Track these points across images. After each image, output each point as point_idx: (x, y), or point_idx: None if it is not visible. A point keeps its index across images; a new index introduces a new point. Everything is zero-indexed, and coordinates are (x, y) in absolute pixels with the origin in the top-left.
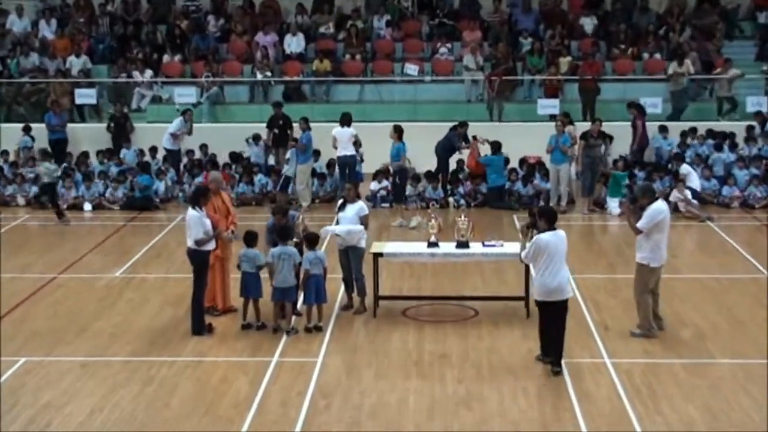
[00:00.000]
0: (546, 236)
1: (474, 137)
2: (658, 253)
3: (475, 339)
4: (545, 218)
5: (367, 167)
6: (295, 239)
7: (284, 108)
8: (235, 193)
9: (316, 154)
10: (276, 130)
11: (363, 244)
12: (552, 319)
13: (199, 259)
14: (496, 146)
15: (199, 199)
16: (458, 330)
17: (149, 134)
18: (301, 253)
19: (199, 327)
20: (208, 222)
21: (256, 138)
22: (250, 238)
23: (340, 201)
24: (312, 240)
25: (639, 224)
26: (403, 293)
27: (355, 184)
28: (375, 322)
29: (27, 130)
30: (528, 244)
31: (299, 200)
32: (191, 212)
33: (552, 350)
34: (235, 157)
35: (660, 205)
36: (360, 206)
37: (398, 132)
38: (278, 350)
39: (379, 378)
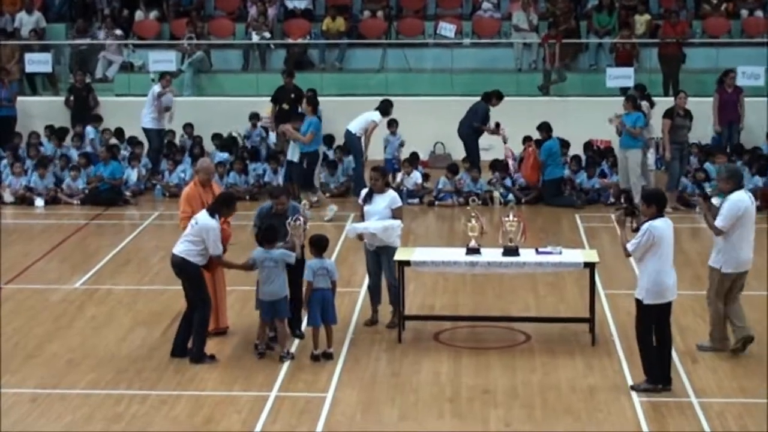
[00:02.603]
0: (659, 223)
1: (497, 126)
2: (733, 256)
3: (526, 371)
4: (655, 203)
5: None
6: (296, 242)
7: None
8: (225, 185)
9: (329, 139)
10: (286, 105)
11: (398, 242)
12: (662, 326)
13: (192, 271)
14: (546, 128)
15: (222, 208)
16: (504, 359)
17: (118, 110)
18: (299, 262)
19: (201, 353)
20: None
21: (253, 117)
22: (270, 235)
23: (364, 191)
24: (319, 245)
25: (717, 222)
26: (435, 312)
27: (384, 171)
28: (400, 348)
29: None
30: (632, 235)
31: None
32: (211, 221)
33: (661, 368)
34: (226, 142)
35: (741, 195)
36: (392, 197)
37: (311, 103)
38: (278, 383)
39: (404, 418)
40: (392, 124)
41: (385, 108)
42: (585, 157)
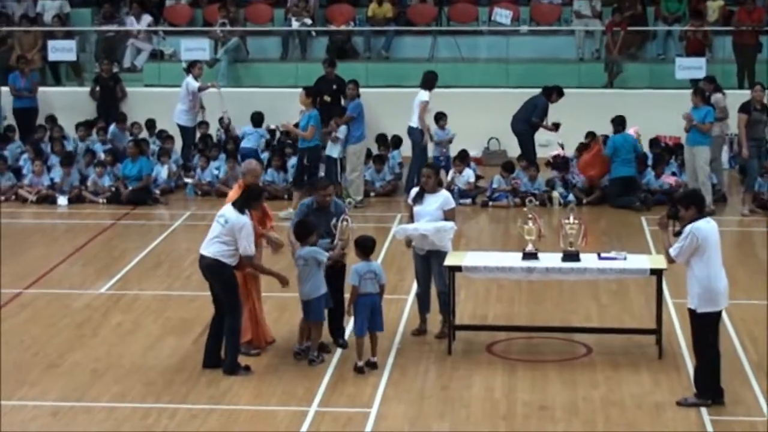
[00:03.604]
0: (702, 224)
1: (556, 126)
2: None
3: (587, 386)
4: (694, 203)
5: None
6: (340, 245)
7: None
8: (260, 183)
9: (379, 136)
10: (327, 97)
11: (450, 246)
12: (714, 336)
13: (227, 273)
14: (619, 122)
15: (251, 202)
16: (564, 373)
17: (147, 101)
18: (341, 267)
19: (235, 363)
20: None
21: None
22: (303, 231)
23: (414, 191)
24: (366, 246)
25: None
26: (488, 322)
27: (436, 168)
28: (450, 361)
29: None
30: (675, 240)
31: (349, 193)
32: (241, 217)
33: (712, 381)
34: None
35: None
36: (445, 197)
37: (311, 96)
38: (318, 396)
39: None
40: (441, 118)
41: (428, 81)
42: (652, 154)
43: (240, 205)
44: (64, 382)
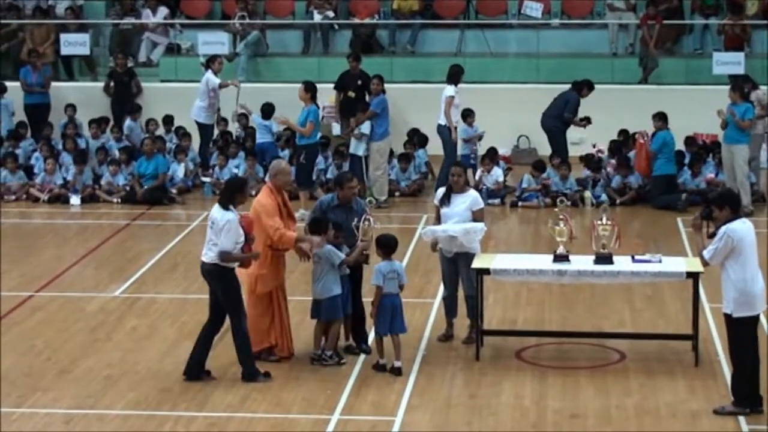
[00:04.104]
0: (737, 225)
1: (586, 120)
2: None
3: (620, 394)
4: (729, 204)
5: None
6: (361, 246)
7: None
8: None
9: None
10: (352, 93)
11: (479, 248)
12: (751, 341)
13: (226, 278)
14: (662, 117)
15: (234, 196)
16: (596, 380)
17: (163, 97)
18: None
19: (253, 369)
20: (241, 232)
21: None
22: (316, 228)
23: (441, 191)
24: (388, 245)
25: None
26: (517, 327)
27: (465, 167)
28: (478, 367)
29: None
30: (709, 241)
31: (373, 193)
32: (226, 213)
33: (750, 387)
34: (282, 134)
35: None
36: (473, 197)
37: (310, 91)
38: (340, 404)
39: None
40: (469, 115)
41: (454, 76)
42: (689, 153)
43: (224, 202)
44: (77, 389)
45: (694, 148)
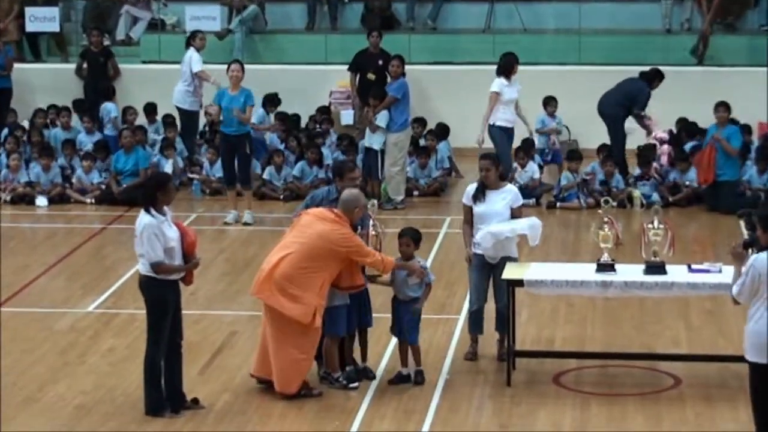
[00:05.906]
0: (764, 255)
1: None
2: None
3: (676, 422)
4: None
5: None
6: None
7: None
8: (283, 181)
9: (420, 122)
10: (372, 75)
11: (517, 252)
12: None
13: (156, 293)
14: (728, 108)
15: (156, 194)
16: (647, 408)
17: (144, 81)
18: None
19: (155, 403)
20: (173, 234)
21: None
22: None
23: (471, 188)
24: (416, 237)
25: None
26: (555, 347)
27: (496, 159)
28: (509, 393)
29: None
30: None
31: (388, 192)
32: (142, 220)
33: None
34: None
35: None
36: (513, 193)
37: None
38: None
39: None
40: (549, 103)
41: (505, 66)
42: (758, 146)
43: (145, 204)
44: (44, 419)
45: (761, 140)
